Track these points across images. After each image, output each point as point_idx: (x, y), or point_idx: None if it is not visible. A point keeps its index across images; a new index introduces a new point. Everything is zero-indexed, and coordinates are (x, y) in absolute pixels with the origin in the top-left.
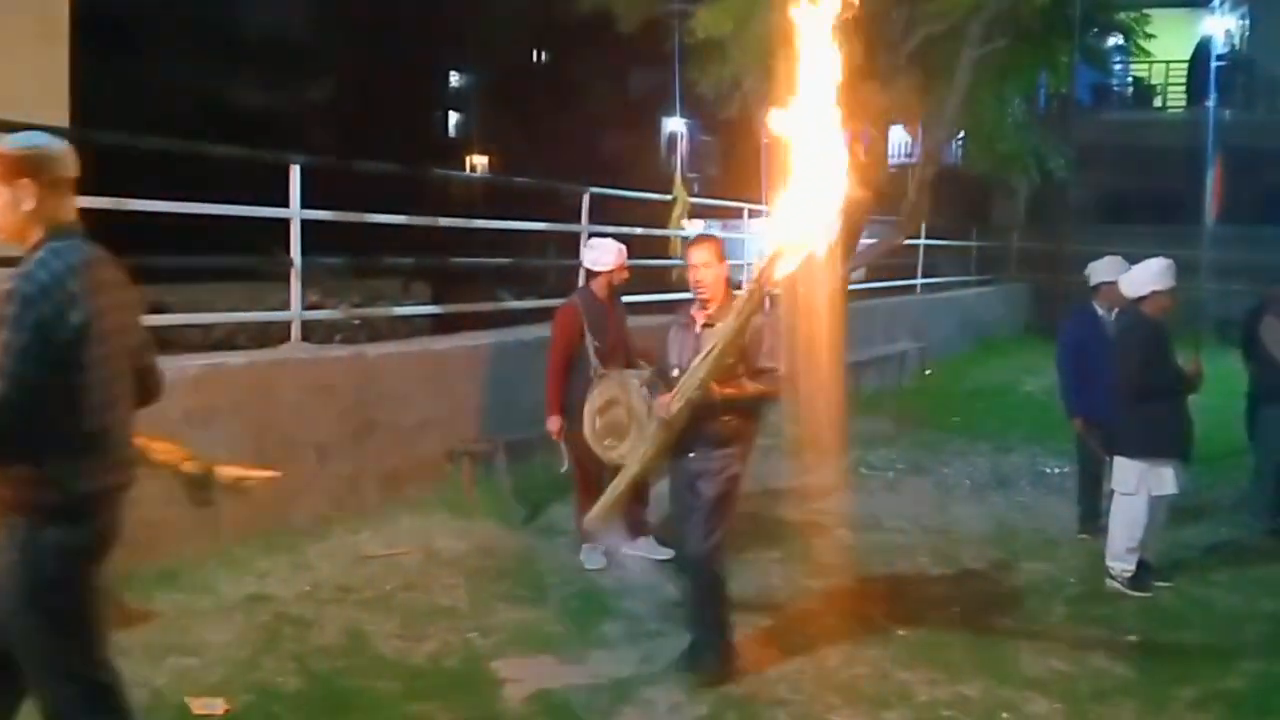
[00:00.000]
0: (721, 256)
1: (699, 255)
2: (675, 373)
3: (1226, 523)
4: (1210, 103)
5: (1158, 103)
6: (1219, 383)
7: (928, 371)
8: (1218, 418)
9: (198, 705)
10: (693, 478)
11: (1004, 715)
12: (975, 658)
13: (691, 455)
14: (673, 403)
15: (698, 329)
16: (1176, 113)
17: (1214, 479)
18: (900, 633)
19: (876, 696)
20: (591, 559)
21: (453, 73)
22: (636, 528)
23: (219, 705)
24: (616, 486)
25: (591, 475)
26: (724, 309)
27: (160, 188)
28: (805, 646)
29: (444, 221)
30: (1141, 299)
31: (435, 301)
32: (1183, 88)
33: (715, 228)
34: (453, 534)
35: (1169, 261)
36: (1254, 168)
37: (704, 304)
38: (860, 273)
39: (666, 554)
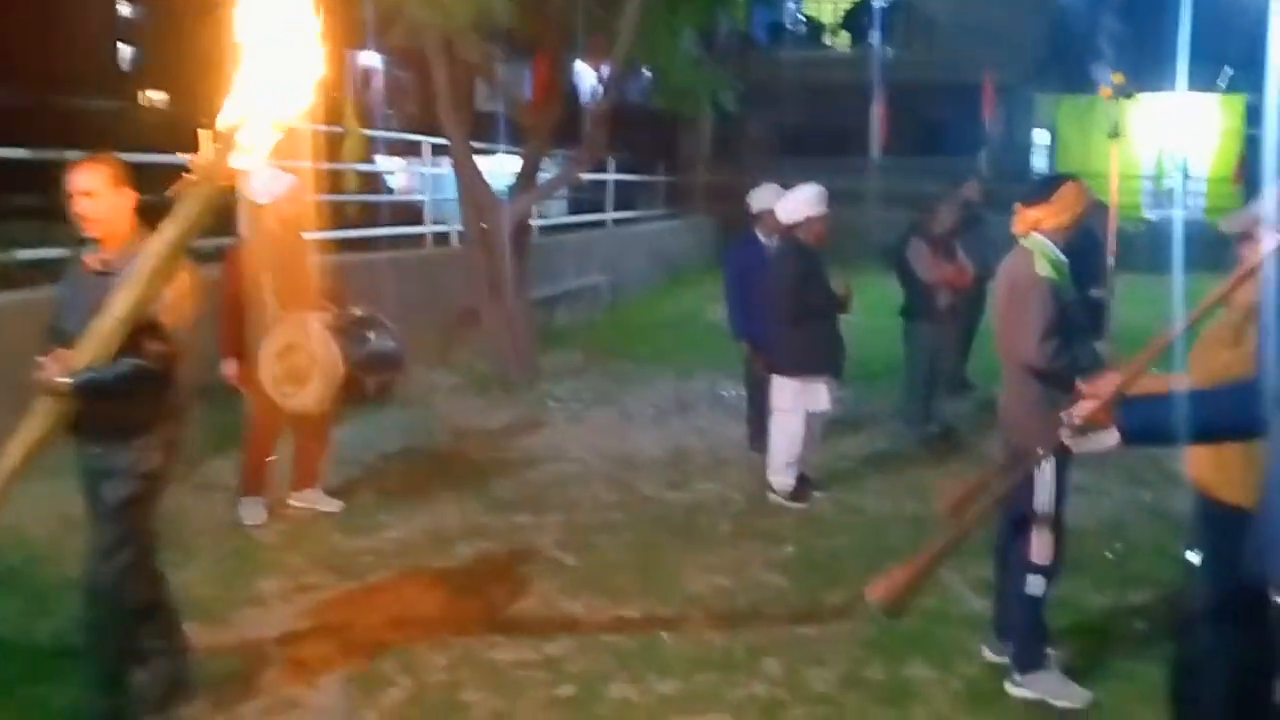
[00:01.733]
0: (120, 182)
1: (82, 181)
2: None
3: (882, 433)
4: (874, 41)
5: (828, 41)
6: (879, 304)
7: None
8: (877, 336)
9: None
10: (97, 478)
11: (664, 635)
12: (641, 581)
13: (95, 450)
14: (54, 373)
15: (96, 279)
16: (845, 50)
17: (873, 393)
18: (570, 562)
19: (540, 628)
20: (250, 513)
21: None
22: (308, 476)
23: None
24: None
25: (267, 427)
26: (127, 251)
27: None
28: (473, 585)
29: None
30: (797, 225)
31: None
32: (850, 26)
33: (406, 163)
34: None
35: (820, 188)
36: (915, 103)
37: (99, 244)
38: (560, 208)
39: (334, 505)
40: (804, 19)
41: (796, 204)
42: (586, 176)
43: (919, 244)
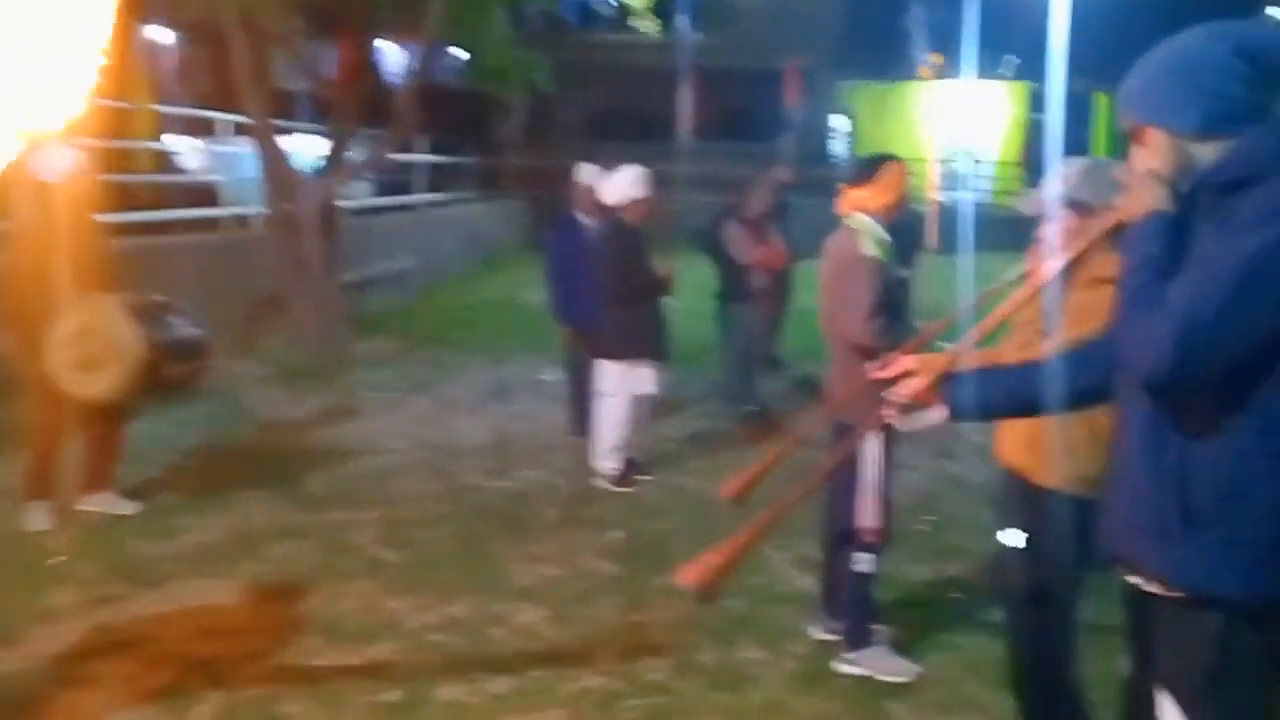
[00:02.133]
0: None
1: None
2: None
3: (701, 414)
4: (681, 26)
5: (637, 24)
6: (694, 286)
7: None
8: (691, 318)
9: None
10: None
11: (493, 630)
12: (467, 575)
13: None
14: None
15: None
16: (654, 34)
17: (689, 374)
18: (391, 559)
19: (362, 631)
20: (37, 519)
21: None
22: (100, 477)
23: None
24: None
25: (53, 422)
26: None
27: None
28: (287, 589)
29: None
30: (620, 206)
31: None
32: (658, 10)
33: (202, 142)
34: None
35: (644, 170)
36: (722, 88)
37: None
38: (367, 189)
39: (131, 508)
40: (612, 2)
41: (620, 185)
42: (395, 157)
43: (734, 226)
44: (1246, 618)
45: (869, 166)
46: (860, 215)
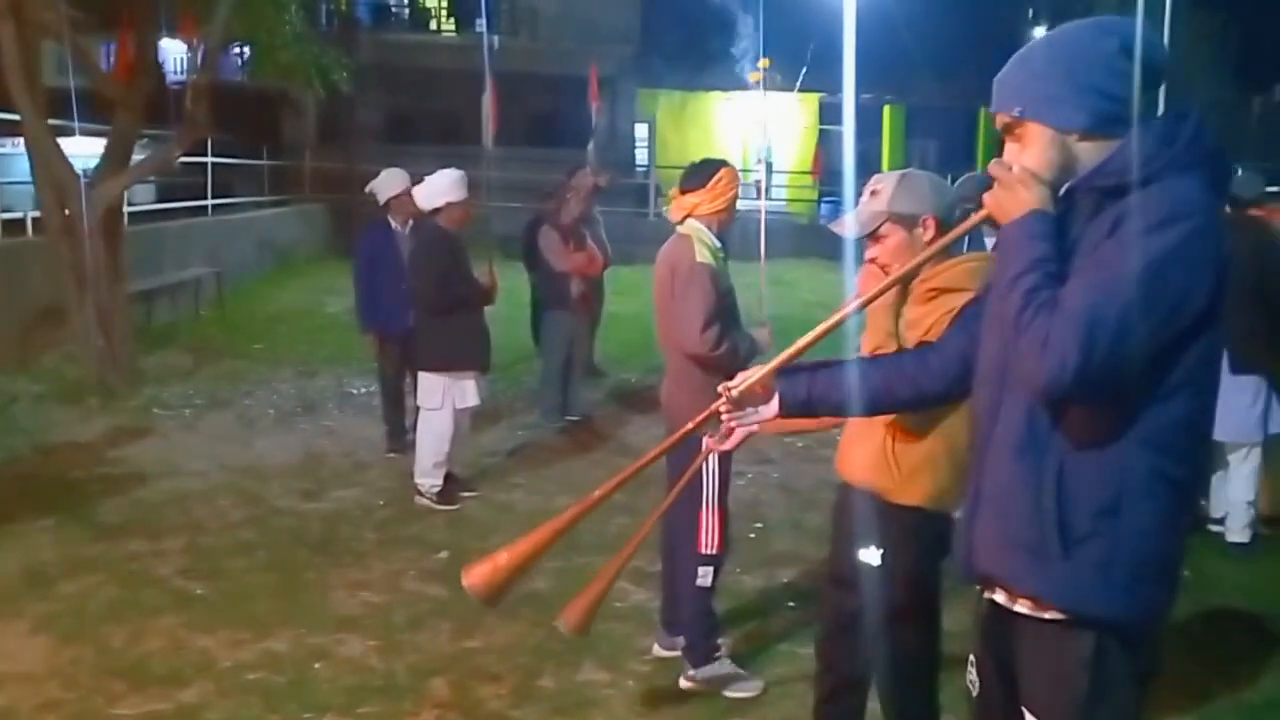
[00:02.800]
0: None
1: None
2: None
3: (522, 425)
4: (480, 29)
5: (434, 25)
6: (507, 294)
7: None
8: (507, 326)
9: None
10: None
11: (315, 665)
12: (284, 606)
13: None
14: None
15: None
16: (452, 36)
17: (507, 384)
18: (198, 592)
19: (172, 672)
20: None
21: None
22: None
23: None
24: None
25: None
26: None
27: None
28: (83, 629)
29: None
30: (436, 211)
31: None
32: (456, 12)
33: None
34: None
35: (461, 173)
36: (524, 93)
37: None
38: (147, 193)
39: None
40: (408, 2)
41: (436, 189)
42: (183, 159)
43: (549, 233)
44: (1120, 639)
45: (701, 172)
46: (693, 222)
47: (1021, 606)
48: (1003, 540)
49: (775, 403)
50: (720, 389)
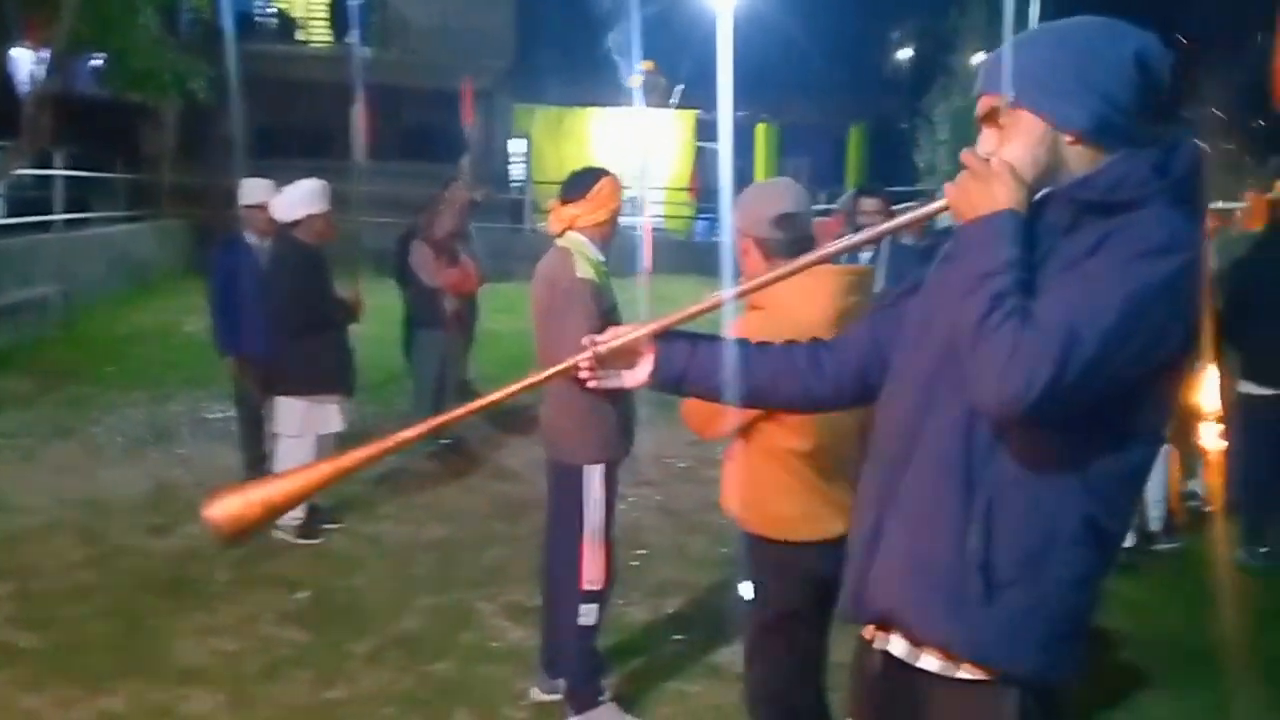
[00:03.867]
0: None
1: None
2: None
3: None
4: (352, 40)
5: (301, 36)
6: (379, 311)
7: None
8: (378, 345)
9: None
10: None
11: None
12: (123, 657)
13: None
14: None
15: None
16: (322, 47)
17: (377, 406)
18: (28, 644)
19: None
20: None
21: None
22: None
23: None
24: None
25: None
26: None
27: None
28: None
29: None
30: (295, 223)
31: None
32: (326, 22)
33: None
34: None
35: (321, 183)
36: (394, 105)
37: None
38: None
39: None
40: (274, 11)
41: (294, 200)
42: (27, 171)
43: (422, 248)
44: (1043, 700)
45: (582, 182)
46: (574, 235)
47: (928, 661)
48: (913, 576)
49: (646, 369)
50: (586, 340)
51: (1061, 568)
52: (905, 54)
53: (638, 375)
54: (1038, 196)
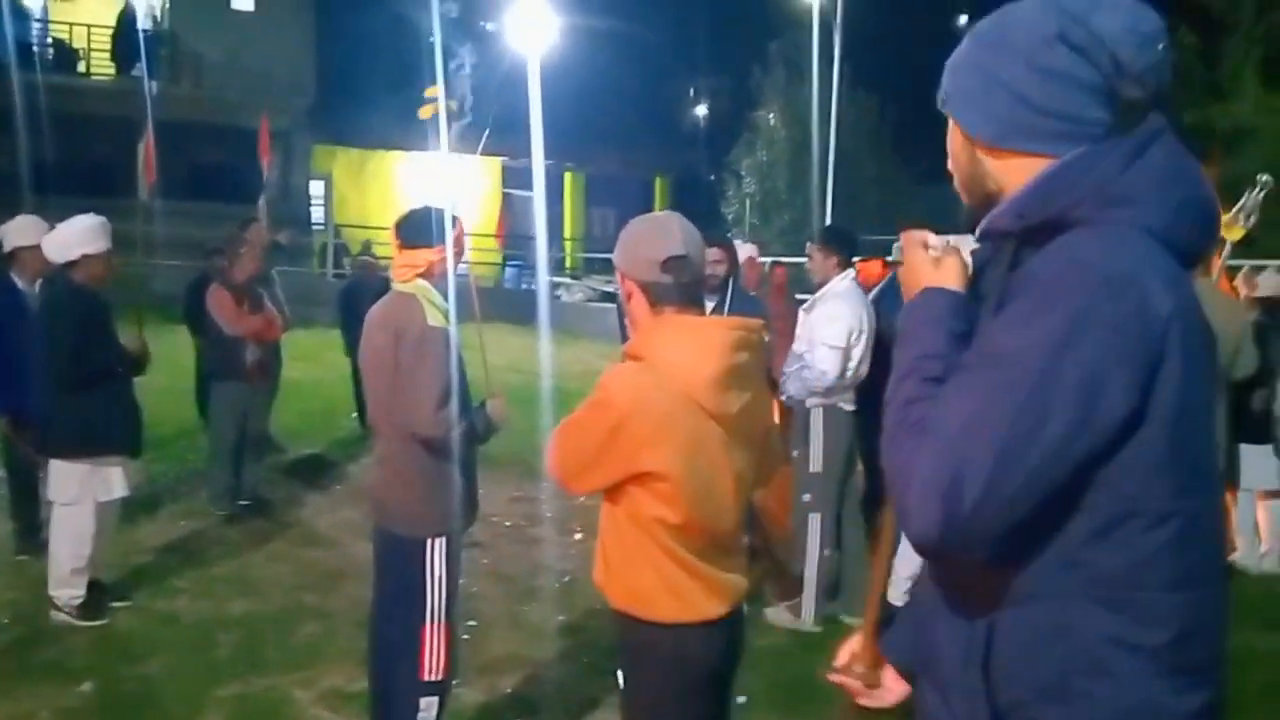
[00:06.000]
0: None
1: None
2: None
3: (185, 513)
4: (138, 73)
5: (82, 68)
6: (167, 361)
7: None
8: (168, 398)
9: None
10: None
11: None
12: None
13: None
14: None
15: None
16: (105, 81)
17: (168, 465)
18: None
19: None
20: None
21: None
22: None
23: None
24: None
25: None
26: None
27: None
28: None
29: None
30: (70, 265)
31: None
32: (108, 55)
33: None
34: None
35: (99, 219)
36: (185, 143)
37: None
38: None
39: None
40: (51, 42)
41: (68, 239)
42: None
43: (220, 292)
44: None
45: (428, 225)
46: (420, 281)
47: None
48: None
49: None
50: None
51: (1090, 703)
52: (703, 109)
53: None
54: (977, 232)
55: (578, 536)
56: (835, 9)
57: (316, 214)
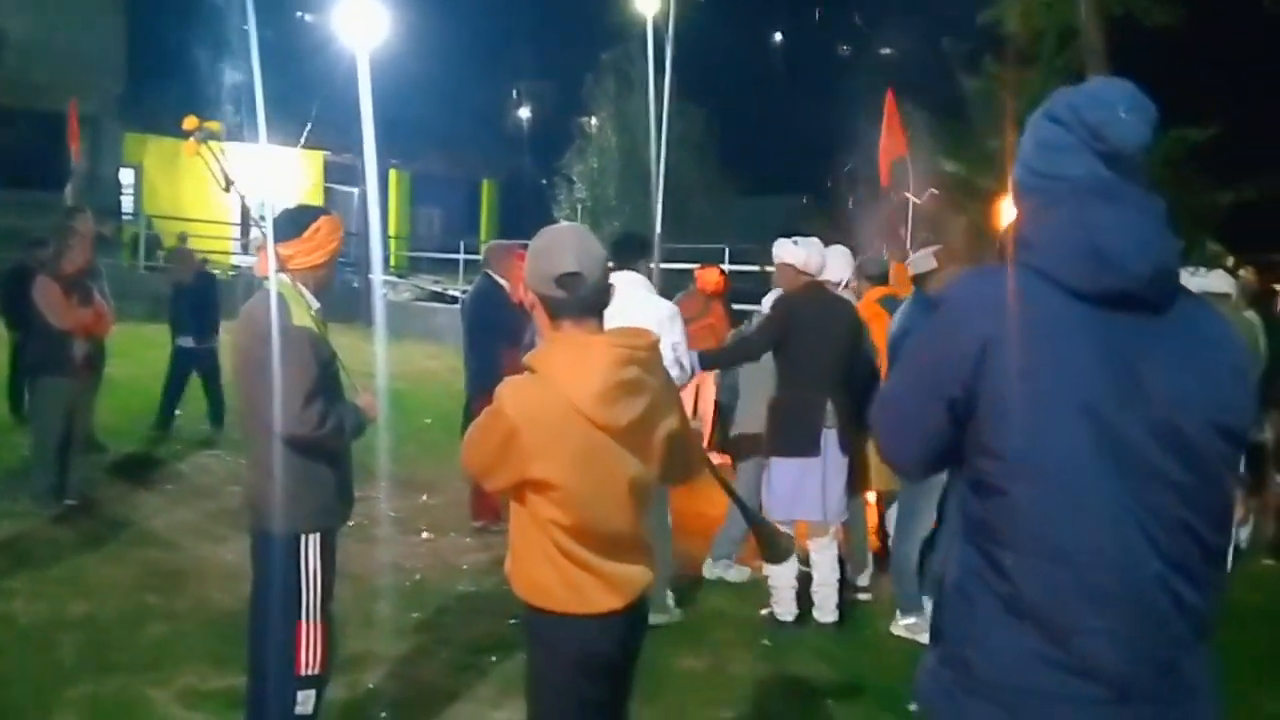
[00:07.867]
0: None
1: None
2: None
3: (7, 514)
4: None
5: None
6: None
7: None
8: None
9: None
10: None
11: None
12: None
13: None
14: None
15: None
16: None
17: None
18: None
19: None
20: None
21: None
22: None
23: None
24: None
25: None
26: None
27: None
28: None
29: None
30: None
31: None
32: None
33: None
34: None
35: None
36: None
37: None
38: None
39: None
40: None
41: None
42: None
43: (48, 284)
44: None
45: (296, 220)
46: (286, 279)
47: None
48: None
49: None
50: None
51: None
52: (531, 114)
53: None
54: None
55: (424, 535)
56: (667, 22)
57: (126, 204)
